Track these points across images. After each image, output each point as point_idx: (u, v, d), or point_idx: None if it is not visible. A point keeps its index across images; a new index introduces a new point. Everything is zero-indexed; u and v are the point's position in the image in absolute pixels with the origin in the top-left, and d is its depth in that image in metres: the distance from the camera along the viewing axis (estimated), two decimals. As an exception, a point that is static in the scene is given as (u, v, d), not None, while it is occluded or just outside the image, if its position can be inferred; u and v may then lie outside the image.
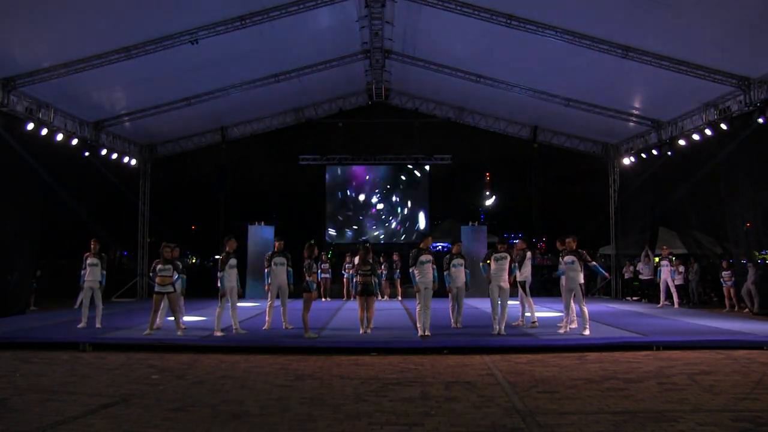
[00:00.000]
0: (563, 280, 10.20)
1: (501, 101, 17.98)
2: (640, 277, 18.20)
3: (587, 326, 9.74)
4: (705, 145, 14.62)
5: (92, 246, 10.96)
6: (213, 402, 5.87)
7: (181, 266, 10.54)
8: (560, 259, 10.42)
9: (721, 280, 14.57)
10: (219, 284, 9.85)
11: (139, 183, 19.68)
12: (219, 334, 9.70)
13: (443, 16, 12.91)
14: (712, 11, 10.53)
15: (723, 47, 11.60)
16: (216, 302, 10.12)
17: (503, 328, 9.81)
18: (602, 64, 13.11)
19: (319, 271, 18.06)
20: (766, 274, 13.43)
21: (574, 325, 10.32)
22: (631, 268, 18.69)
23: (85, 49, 12.27)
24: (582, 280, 9.98)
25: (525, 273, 10.99)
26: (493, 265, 10.02)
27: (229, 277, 9.85)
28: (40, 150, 14.01)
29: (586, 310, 9.85)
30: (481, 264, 10.45)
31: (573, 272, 9.91)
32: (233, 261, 9.98)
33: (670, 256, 15.81)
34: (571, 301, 10.07)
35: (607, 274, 15.40)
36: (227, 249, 9.94)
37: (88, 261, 10.84)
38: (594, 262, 10.70)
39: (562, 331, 10.07)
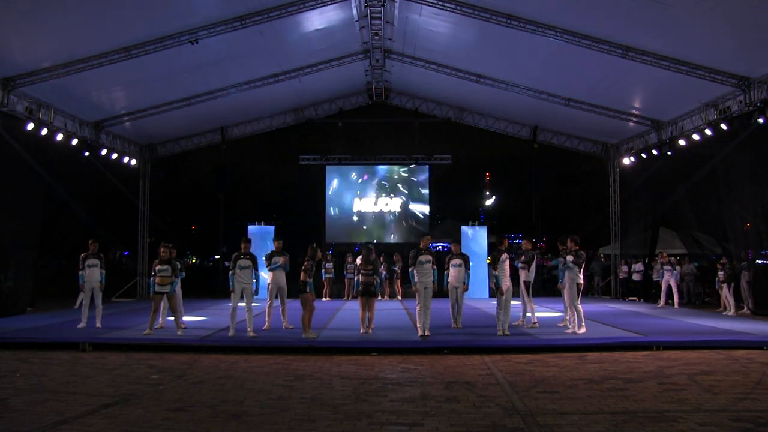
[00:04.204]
0: (565, 279, 10.16)
1: (501, 101, 17.97)
2: (633, 278, 18.27)
3: (582, 324, 9.75)
4: (705, 145, 14.61)
5: (90, 247, 10.96)
6: (213, 402, 5.87)
7: (179, 266, 10.54)
8: (560, 259, 10.41)
9: (717, 280, 14.54)
10: (230, 283, 9.89)
11: (139, 183, 19.67)
12: (231, 333, 9.72)
13: (443, 16, 12.91)
14: (712, 11, 10.51)
15: (723, 47, 11.60)
16: (215, 302, 10.12)
17: (507, 328, 9.81)
18: (602, 64, 13.10)
19: (323, 271, 18.13)
20: (759, 275, 13.41)
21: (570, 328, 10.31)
22: (625, 268, 18.73)
23: (85, 49, 12.26)
24: (581, 280, 9.96)
25: (529, 273, 11.00)
26: (499, 267, 10.01)
27: (240, 278, 9.83)
28: (40, 150, 14.00)
29: (581, 309, 9.86)
30: (495, 273, 10.03)
31: (572, 272, 9.90)
32: (244, 262, 9.87)
33: (671, 259, 15.83)
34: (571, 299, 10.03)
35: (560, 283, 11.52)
36: (241, 249, 9.97)
37: (87, 262, 10.84)
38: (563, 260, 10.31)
39: (569, 331, 10.06)
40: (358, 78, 18.67)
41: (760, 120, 12.30)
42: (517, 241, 30.35)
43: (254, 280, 10.03)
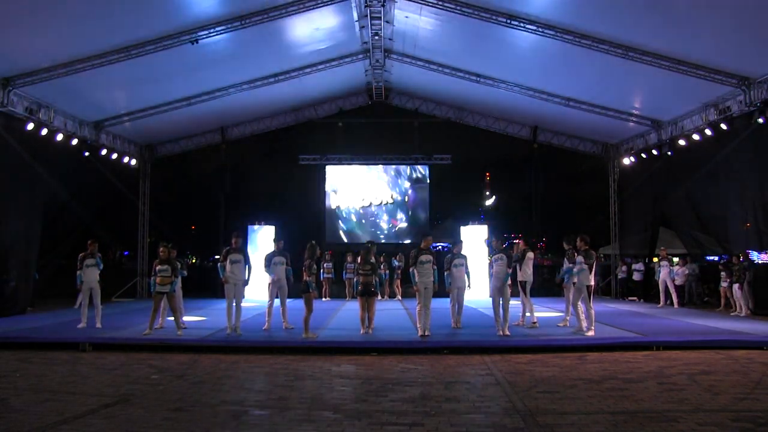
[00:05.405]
0: (575, 279, 10.12)
1: (501, 101, 17.97)
2: (633, 278, 18.28)
3: (592, 328, 9.71)
4: (705, 145, 14.61)
5: (89, 247, 10.96)
6: (213, 402, 5.87)
7: (179, 265, 10.52)
8: (566, 259, 10.37)
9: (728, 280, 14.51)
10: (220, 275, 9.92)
11: (139, 183, 19.67)
12: (229, 332, 9.73)
13: (443, 15, 12.90)
14: (712, 11, 10.52)
15: (723, 47, 11.60)
16: (215, 302, 10.11)
17: (507, 329, 9.81)
18: (602, 64, 13.09)
19: (322, 271, 18.11)
20: (759, 274, 13.39)
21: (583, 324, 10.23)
22: (624, 268, 18.72)
23: (85, 49, 12.25)
24: (592, 282, 9.87)
25: (526, 273, 10.98)
26: (493, 267, 10.05)
27: (232, 273, 9.80)
28: (40, 150, 14.01)
29: (592, 312, 9.81)
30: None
31: (583, 272, 9.85)
32: (235, 256, 9.88)
33: (669, 257, 15.81)
34: (579, 301, 10.01)
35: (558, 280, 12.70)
36: (232, 244, 9.94)
37: (86, 262, 10.85)
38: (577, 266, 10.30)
39: (573, 329, 10.04)
40: (358, 78, 18.67)
41: (760, 120, 12.29)
42: (515, 241, 30.27)
43: (247, 275, 10.07)
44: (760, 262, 13.66)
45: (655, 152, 16.69)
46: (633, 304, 16.66)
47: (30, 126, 13.50)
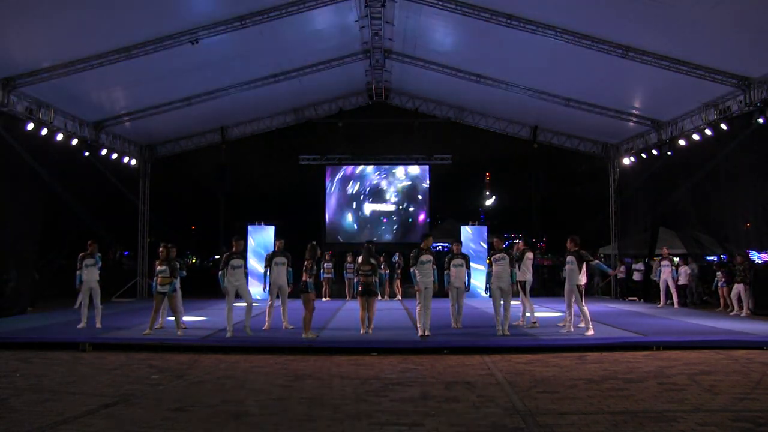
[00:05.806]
0: (565, 280, 10.18)
1: (501, 101, 17.97)
2: (633, 278, 18.28)
3: (590, 327, 9.72)
4: (705, 145, 14.61)
5: (90, 247, 10.95)
6: (213, 402, 5.87)
7: (178, 266, 10.49)
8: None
9: (717, 280, 14.54)
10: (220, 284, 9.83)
11: (139, 183, 19.68)
12: (229, 335, 9.67)
13: (443, 16, 12.91)
14: (712, 11, 10.51)
15: (723, 47, 11.60)
16: (215, 302, 10.07)
17: (507, 328, 9.81)
18: (602, 64, 13.10)
19: (322, 271, 18.11)
20: (758, 275, 13.39)
21: (582, 324, 10.24)
22: (623, 267, 18.73)
23: (85, 49, 12.27)
24: (581, 281, 9.94)
25: (525, 273, 10.98)
26: (494, 267, 10.07)
27: (231, 278, 9.80)
28: (40, 150, 14.00)
29: (586, 310, 9.83)
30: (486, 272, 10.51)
31: (573, 273, 9.89)
32: (236, 261, 9.84)
33: (671, 257, 15.80)
34: (572, 302, 10.04)
35: (611, 271, 15.65)
36: (233, 249, 9.92)
37: (85, 262, 10.84)
38: (596, 261, 10.75)
39: (565, 330, 10.07)
40: (358, 78, 18.67)
41: (760, 120, 12.29)
42: (515, 241, 30.38)
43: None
44: (759, 262, 13.67)
45: (655, 152, 16.69)
46: (633, 304, 16.65)
47: (30, 126, 13.50)
